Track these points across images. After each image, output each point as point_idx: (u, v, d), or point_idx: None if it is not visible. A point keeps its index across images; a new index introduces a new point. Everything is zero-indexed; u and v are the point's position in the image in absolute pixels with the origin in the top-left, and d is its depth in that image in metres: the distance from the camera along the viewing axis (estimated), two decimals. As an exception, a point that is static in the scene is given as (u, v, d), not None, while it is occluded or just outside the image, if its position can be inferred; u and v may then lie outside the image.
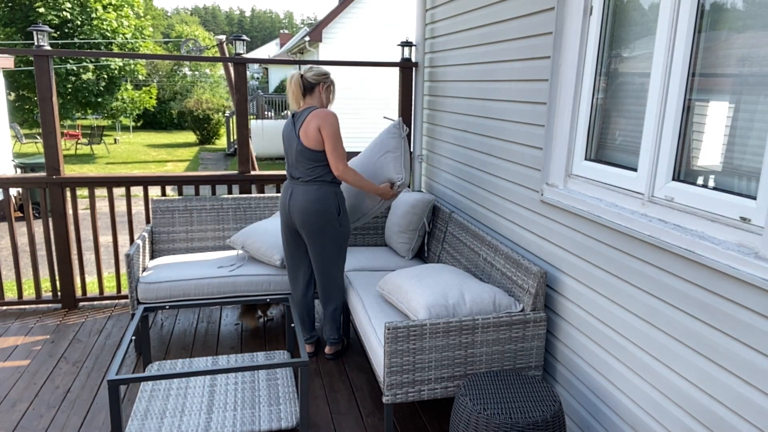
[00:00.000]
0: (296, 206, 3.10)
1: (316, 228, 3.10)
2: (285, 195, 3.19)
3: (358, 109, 15.24)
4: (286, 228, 3.24)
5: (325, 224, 3.09)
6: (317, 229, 3.10)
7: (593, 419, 2.37)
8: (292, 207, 3.12)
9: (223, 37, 10.26)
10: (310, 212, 3.06)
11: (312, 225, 3.09)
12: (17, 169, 10.55)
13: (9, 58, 10.45)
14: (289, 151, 3.13)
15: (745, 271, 1.63)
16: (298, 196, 3.09)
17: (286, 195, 3.18)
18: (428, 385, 2.52)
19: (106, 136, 20.67)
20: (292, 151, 3.10)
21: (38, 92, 3.72)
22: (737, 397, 1.68)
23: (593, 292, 2.35)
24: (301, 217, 3.09)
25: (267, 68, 31.87)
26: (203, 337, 3.66)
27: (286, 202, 3.17)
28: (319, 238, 3.12)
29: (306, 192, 3.08)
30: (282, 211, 3.21)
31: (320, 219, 3.08)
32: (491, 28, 3.19)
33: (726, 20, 1.79)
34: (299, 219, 3.11)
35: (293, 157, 3.10)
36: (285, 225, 3.24)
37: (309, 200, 3.07)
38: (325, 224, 3.09)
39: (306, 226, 3.10)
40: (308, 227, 3.10)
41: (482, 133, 3.35)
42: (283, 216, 3.21)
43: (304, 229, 3.13)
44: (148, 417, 2.34)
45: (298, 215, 3.10)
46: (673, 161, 1.99)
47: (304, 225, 3.11)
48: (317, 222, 3.08)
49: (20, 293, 4.01)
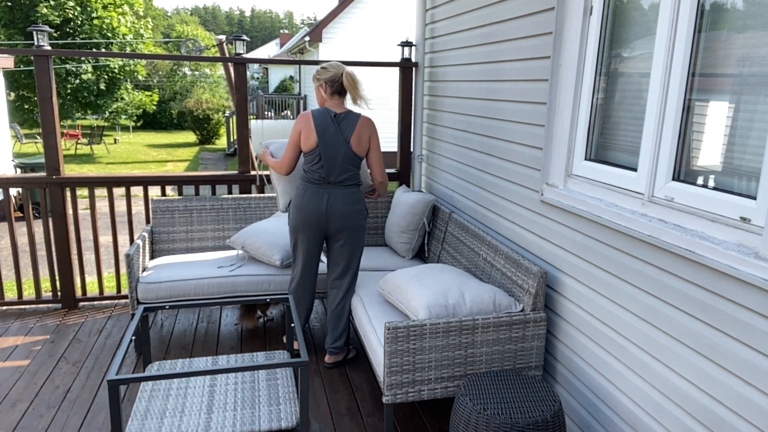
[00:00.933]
0: (338, 210, 3.07)
1: (357, 228, 3.16)
2: (318, 200, 3.07)
3: (358, 109, 15.23)
4: (314, 233, 3.14)
5: (363, 224, 3.20)
6: (358, 228, 3.16)
7: (593, 419, 2.37)
8: (332, 211, 3.07)
9: (223, 37, 10.26)
10: (354, 213, 3.12)
11: (354, 226, 3.14)
12: (17, 169, 10.56)
13: (9, 58, 10.45)
14: (334, 155, 3.04)
15: (745, 271, 1.63)
16: (339, 200, 3.07)
17: (319, 200, 3.06)
18: (428, 385, 2.52)
19: (106, 136, 20.67)
20: (338, 156, 3.04)
21: (38, 92, 3.72)
22: (737, 397, 1.68)
23: (593, 292, 2.35)
24: (343, 219, 3.10)
25: (267, 68, 31.88)
26: (203, 337, 3.66)
27: (322, 207, 3.06)
28: (359, 236, 3.19)
29: (348, 195, 3.10)
30: (312, 215, 3.08)
31: (362, 220, 3.17)
32: (491, 28, 3.19)
33: (726, 20, 1.79)
34: (340, 222, 3.09)
35: (338, 162, 3.05)
36: (313, 230, 3.12)
37: (352, 202, 3.11)
38: (363, 224, 3.20)
39: (348, 228, 3.13)
40: (350, 229, 3.13)
41: (482, 133, 3.35)
42: (314, 221, 3.09)
43: (343, 231, 3.13)
44: (148, 417, 2.34)
45: (340, 218, 3.09)
46: (673, 161, 1.99)
47: (344, 227, 3.12)
48: (359, 222, 3.16)
49: (20, 293, 4.02)
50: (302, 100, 19.33)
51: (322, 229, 3.14)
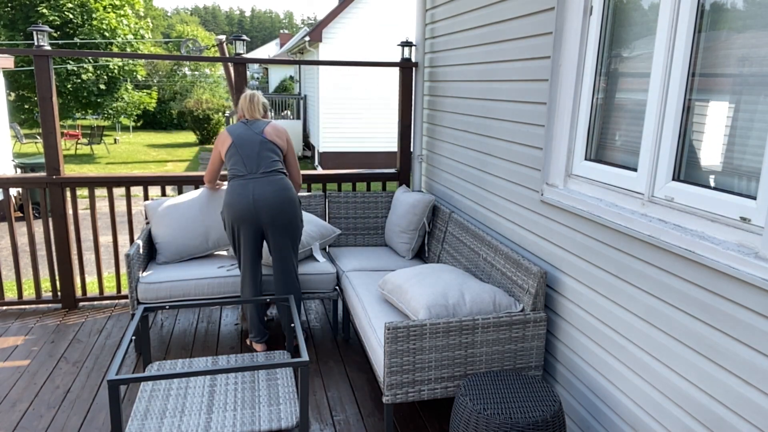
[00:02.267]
0: (267, 197, 3.10)
1: (289, 216, 3.18)
2: (245, 191, 3.10)
3: (358, 110, 15.24)
4: (251, 225, 3.14)
5: (297, 211, 3.23)
6: (289, 218, 3.18)
7: (593, 419, 2.37)
8: (259, 200, 3.08)
9: (223, 37, 10.26)
10: (283, 201, 3.14)
11: (286, 214, 3.16)
12: (17, 169, 10.56)
13: (9, 58, 10.45)
14: (249, 149, 3.16)
15: (745, 271, 1.63)
16: (268, 187, 3.11)
17: (246, 191, 3.10)
18: (428, 385, 2.52)
19: (106, 136, 20.68)
20: (256, 150, 3.16)
21: (38, 92, 3.72)
22: (737, 397, 1.68)
23: (593, 292, 2.35)
24: (275, 207, 3.11)
25: (267, 68, 31.87)
26: (203, 337, 3.66)
27: (249, 198, 3.08)
28: (292, 226, 3.21)
29: (273, 182, 3.14)
30: (244, 209, 3.10)
31: (293, 207, 3.20)
32: (491, 28, 3.19)
33: (726, 20, 1.79)
34: (272, 210, 3.11)
35: (258, 153, 3.16)
36: (249, 223, 3.13)
37: (281, 188, 3.14)
38: (297, 211, 3.23)
39: (279, 217, 3.13)
40: (281, 217, 3.14)
41: (482, 133, 3.35)
42: (247, 213, 3.10)
43: (275, 220, 3.13)
44: (148, 417, 2.34)
45: (272, 206, 3.10)
46: (673, 161, 1.99)
47: (276, 215, 3.12)
48: (288, 209, 3.17)
49: (20, 293, 4.01)
50: (302, 100, 19.32)
51: (255, 221, 3.14)
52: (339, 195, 4.13)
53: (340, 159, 15.27)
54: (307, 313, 4.11)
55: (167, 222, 3.60)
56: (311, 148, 18.00)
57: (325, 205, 4.15)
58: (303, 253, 3.62)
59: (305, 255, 3.65)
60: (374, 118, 15.28)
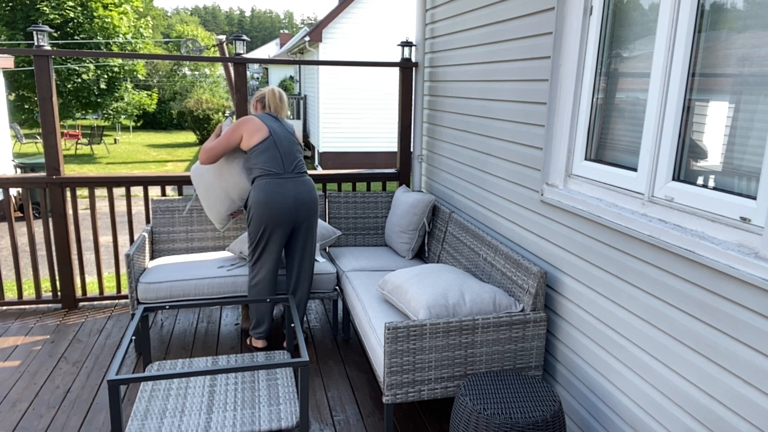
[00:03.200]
0: (305, 197, 3.19)
1: (318, 216, 3.32)
2: (285, 191, 3.12)
3: (358, 110, 15.24)
4: (287, 225, 3.16)
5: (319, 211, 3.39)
6: (317, 217, 3.32)
7: (593, 419, 2.37)
8: (299, 200, 3.15)
9: (223, 37, 10.26)
10: (316, 201, 3.28)
11: (317, 214, 3.30)
12: (17, 169, 10.56)
13: (9, 58, 10.45)
14: (287, 147, 3.22)
15: (745, 271, 1.63)
16: (303, 187, 3.20)
17: (286, 191, 3.12)
18: (428, 385, 2.52)
19: (106, 136, 20.69)
20: (291, 148, 3.24)
21: (38, 92, 3.72)
22: (737, 397, 1.68)
23: (593, 292, 2.35)
24: (311, 206, 3.23)
25: (267, 68, 31.87)
26: (203, 337, 3.66)
27: (290, 198, 3.12)
28: (317, 225, 3.34)
29: (307, 183, 3.26)
30: (283, 208, 3.11)
31: (319, 208, 3.38)
32: (491, 28, 3.19)
33: (726, 20, 1.79)
34: (308, 209, 3.21)
35: (294, 152, 3.24)
36: (286, 222, 3.15)
37: (312, 189, 3.27)
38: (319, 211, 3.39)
39: (312, 216, 3.26)
40: (315, 216, 3.28)
41: (482, 133, 3.35)
42: (285, 213, 3.12)
43: (309, 219, 3.25)
44: (148, 417, 2.34)
45: (308, 205, 3.21)
46: (673, 161, 1.99)
47: (311, 215, 3.25)
48: (318, 211, 3.31)
49: (20, 293, 4.02)
50: (302, 100, 19.32)
51: (290, 221, 3.19)
52: (339, 195, 4.13)
53: (340, 159, 15.27)
54: (307, 313, 4.11)
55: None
56: (311, 148, 18.00)
57: (325, 205, 4.15)
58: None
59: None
60: (374, 118, 15.28)
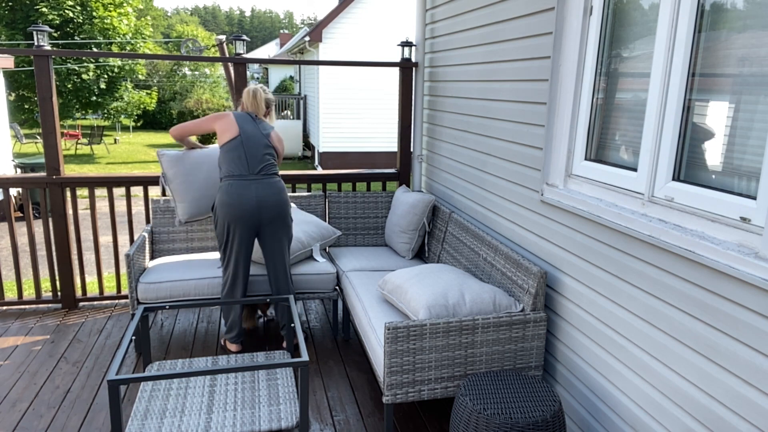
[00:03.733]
0: (269, 200, 3.15)
1: (287, 218, 3.26)
2: (247, 192, 3.11)
3: (358, 110, 15.24)
4: (251, 226, 3.15)
5: (290, 213, 3.30)
6: (286, 219, 3.26)
7: (593, 419, 2.37)
8: (262, 201, 3.12)
9: (223, 37, 10.27)
10: (282, 203, 3.21)
11: (284, 216, 3.23)
12: (17, 169, 10.56)
13: (9, 58, 10.45)
14: (255, 149, 3.18)
15: (745, 271, 1.63)
16: (268, 189, 3.17)
17: (248, 192, 3.11)
18: (428, 385, 2.52)
19: (106, 136, 20.68)
20: (260, 150, 3.20)
21: (38, 92, 3.72)
22: (737, 397, 1.68)
23: (593, 292, 2.35)
24: (275, 209, 3.17)
25: (267, 68, 31.87)
26: (203, 337, 3.66)
27: (252, 199, 3.10)
28: (287, 227, 3.29)
29: (273, 185, 3.20)
30: (245, 209, 3.10)
31: (288, 209, 3.27)
32: (491, 28, 3.19)
33: (726, 20, 1.79)
34: (271, 211, 3.16)
35: (263, 154, 3.20)
36: (249, 224, 3.13)
37: (279, 191, 3.22)
38: (290, 213, 3.30)
39: (277, 219, 3.20)
40: (280, 218, 3.21)
41: (482, 133, 3.35)
42: (247, 214, 3.11)
43: (274, 222, 3.19)
44: (148, 417, 2.34)
45: (272, 208, 3.16)
46: (673, 161, 1.99)
47: (277, 216, 3.19)
48: (286, 212, 3.25)
49: (20, 293, 4.01)
50: (302, 100, 19.32)
51: (253, 222, 3.16)
52: (339, 195, 4.13)
53: (340, 159, 15.27)
54: (307, 313, 4.11)
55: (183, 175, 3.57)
56: (311, 148, 18.00)
57: (325, 205, 4.15)
58: (303, 253, 3.62)
59: (305, 255, 3.65)
60: (374, 118, 15.28)
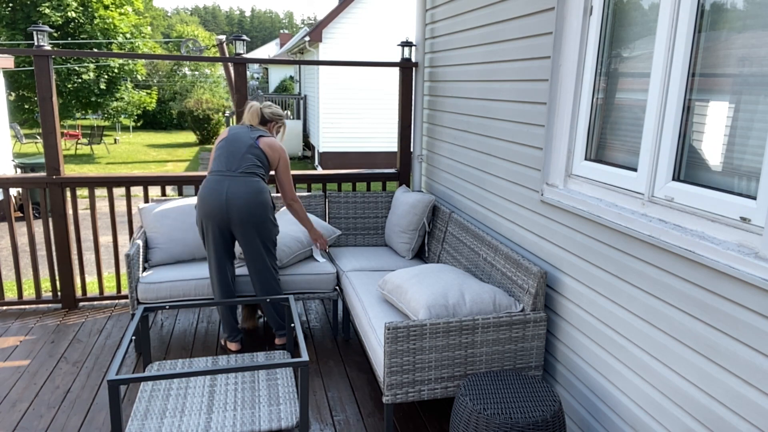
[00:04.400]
0: (238, 197, 3.07)
1: (260, 220, 3.13)
2: (219, 188, 3.07)
3: (358, 110, 15.24)
4: (220, 223, 3.11)
5: (268, 214, 3.17)
6: (259, 222, 3.13)
7: (593, 419, 2.37)
8: (231, 199, 3.06)
9: (223, 37, 10.26)
10: (254, 204, 3.10)
11: (256, 218, 3.11)
12: (17, 169, 10.56)
13: (9, 58, 10.45)
14: (236, 148, 3.16)
15: (745, 271, 1.63)
16: (241, 188, 3.08)
17: (220, 188, 3.07)
18: (428, 385, 2.52)
19: (106, 136, 20.68)
20: (242, 150, 3.15)
21: (38, 92, 3.72)
22: (737, 397, 1.68)
23: (593, 292, 2.35)
24: (245, 209, 3.08)
25: (267, 68, 31.88)
26: (203, 337, 3.66)
27: (222, 195, 3.06)
28: (264, 229, 3.16)
29: (248, 183, 3.11)
30: (214, 205, 3.07)
31: (263, 210, 3.12)
32: (491, 28, 3.19)
33: (726, 20, 1.79)
34: (239, 210, 3.07)
35: (244, 154, 3.15)
36: (218, 220, 3.10)
37: (254, 191, 3.10)
38: (268, 214, 3.17)
39: (246, 220, 3.09)
40: (252, 220, 3.10)
41: (482, 133, 3.35)
42: (216, 210, 3.08)
43: (245, 223, 3.10)
44: (148, 417, 2.34)
45: (240, 207, 3.07)
46: (673, 161, 1.99)
47: (248, 217, 3.09)
48: (259, 213, 3.12)
49: (20, 293, 4.02)
50: (302, 100, 19.32)
51: (224, 220, 3.11)
52: (339, 195, 4.13)
53: (340, 159, 15.26)
54: (307, 313, 4.11)
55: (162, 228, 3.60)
56: (311, 148, 18.00)
57: (325, 205, 4.15)
58: (303, 253, 3.62)
59: (305, 255, 3.65)
60: (374, 118, 15.28)
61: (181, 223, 3.64)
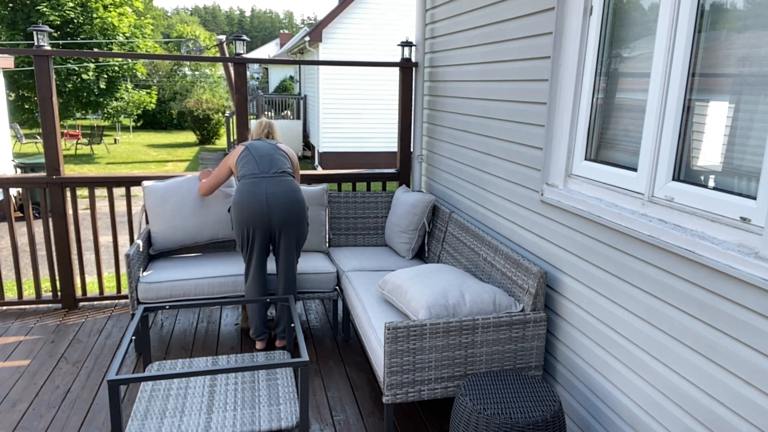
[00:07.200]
0: (279, 196, 3.13)
1: (300, 219, 3.23)
2: (257, 189, 3.12)
3: (358, 110, 15.24)
4: (262, 224, 3.13)
5: (305, 214, 3.28)
6: (300, 220, 3.23)
7: (593, 419, 2.37)
8: (271, 199, 3.11)
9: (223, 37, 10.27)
10: (295, 202, 3.19)
11: (297, 217, 3.20)
12: (17, 169, 10.55)
13: (9, 58, 10.45)
14: (265, 155, 3.26)
15: (745, 271, 1.63)
16: (279, 187, 3.16)
17: (259, 189, 3.12)
18: (428, 385, 2.52)
19: (106, 136, 20.68)
20: (270, 153, 3.27)
21: (38, 92, 3.72)
22: (737, 397, 1.68)
23: (593, 292, 2.35)
24: (287, 209, 3.15)
25: (267, 68, 31.87)
26: (203, 337, 3.66)
27: (262, 197, 3.10)
28: (301, 228, 3.26)
29: (284, 183, 3.20)
30: (256, 207, 3.10)
31: (302, 209, 3.23)
32: (491, 28, 3.19)
33: (726, 20, 1.79)
34: (282, 209, 3.13)
35: (271, 156, 3.25)
36: (261, 221, 3.12)
37: (292, 190, 3.20)
38: (305, 214, 3.28)
39: (288, 218, 3.17)
40: (290, 218, 3.17)
41: (482, 133, 3.35)
42: (258, 212, 3.11)
43: (286, 222, 3.16)
44: (148, 417, 2.34)
45: (283, 206, 3.13)
46: (673, 161, 1.99)
47: (285, 216, 3.15)
48: (300, 212, 3.22)
49: (20, 293, 4.01)
50: (302, 100, 19.32)
51: (265, 221, 3.15)
52: (339, 195, 4.13)
53: (340, 159, 15.26)
54: (307, 313, 4.11)
55: (165, 208, 3.59)
56: (311, 148, 18.00)
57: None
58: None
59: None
60: (374, 118, 15.27)
61: (182, 206, 3.63)
